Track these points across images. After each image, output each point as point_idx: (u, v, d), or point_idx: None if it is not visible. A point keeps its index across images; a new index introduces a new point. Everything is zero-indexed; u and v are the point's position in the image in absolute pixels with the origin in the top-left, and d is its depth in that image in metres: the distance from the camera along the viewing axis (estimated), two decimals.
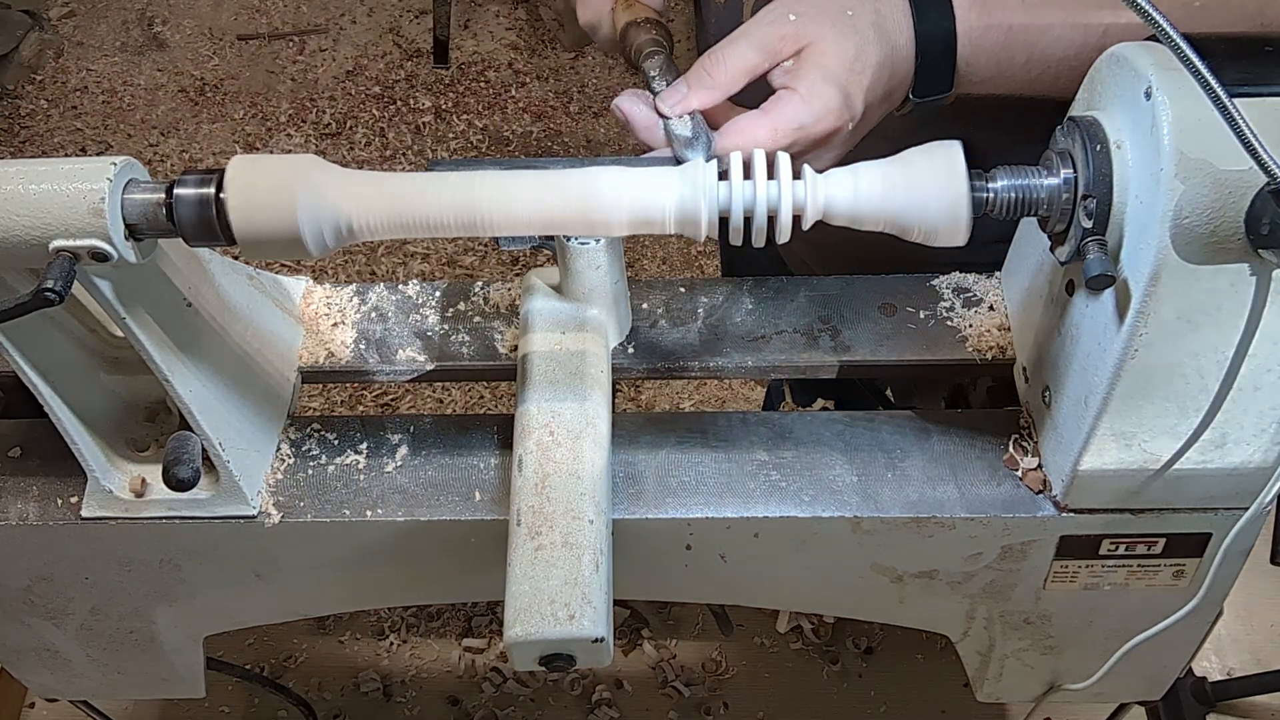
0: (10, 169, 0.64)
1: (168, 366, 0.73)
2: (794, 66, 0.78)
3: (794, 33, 0.78)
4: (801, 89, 0.77)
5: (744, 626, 1.83)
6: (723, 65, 0.79)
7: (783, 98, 0.78)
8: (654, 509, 0.83)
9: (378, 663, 1.83)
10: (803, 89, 0.77)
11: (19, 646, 0.98)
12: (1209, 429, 0.73)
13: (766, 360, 0.89)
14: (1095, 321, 0.72)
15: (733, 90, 0.80)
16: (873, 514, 0.82)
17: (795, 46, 0.78)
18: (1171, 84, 0.63)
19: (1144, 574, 0.85)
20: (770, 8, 0.80)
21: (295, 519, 0.83)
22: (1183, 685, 1.59)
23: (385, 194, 0.67)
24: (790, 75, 0.78)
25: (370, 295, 0.94)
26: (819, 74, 0.77)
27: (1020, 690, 1.01)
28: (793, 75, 0.78)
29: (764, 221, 0.68)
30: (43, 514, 0.84)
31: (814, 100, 0.77)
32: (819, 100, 0.77)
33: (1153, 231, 0.64)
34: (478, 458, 0.86)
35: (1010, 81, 0.83)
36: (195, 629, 0.97)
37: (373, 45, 2.98)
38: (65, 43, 3.02)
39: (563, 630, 0.71)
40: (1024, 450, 0.84)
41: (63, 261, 0.63)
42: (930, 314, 0.92)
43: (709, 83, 0.79)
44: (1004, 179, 0.70)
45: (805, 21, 0.78)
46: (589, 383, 0.82)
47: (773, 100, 0.78)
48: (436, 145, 2.72)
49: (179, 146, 2.74)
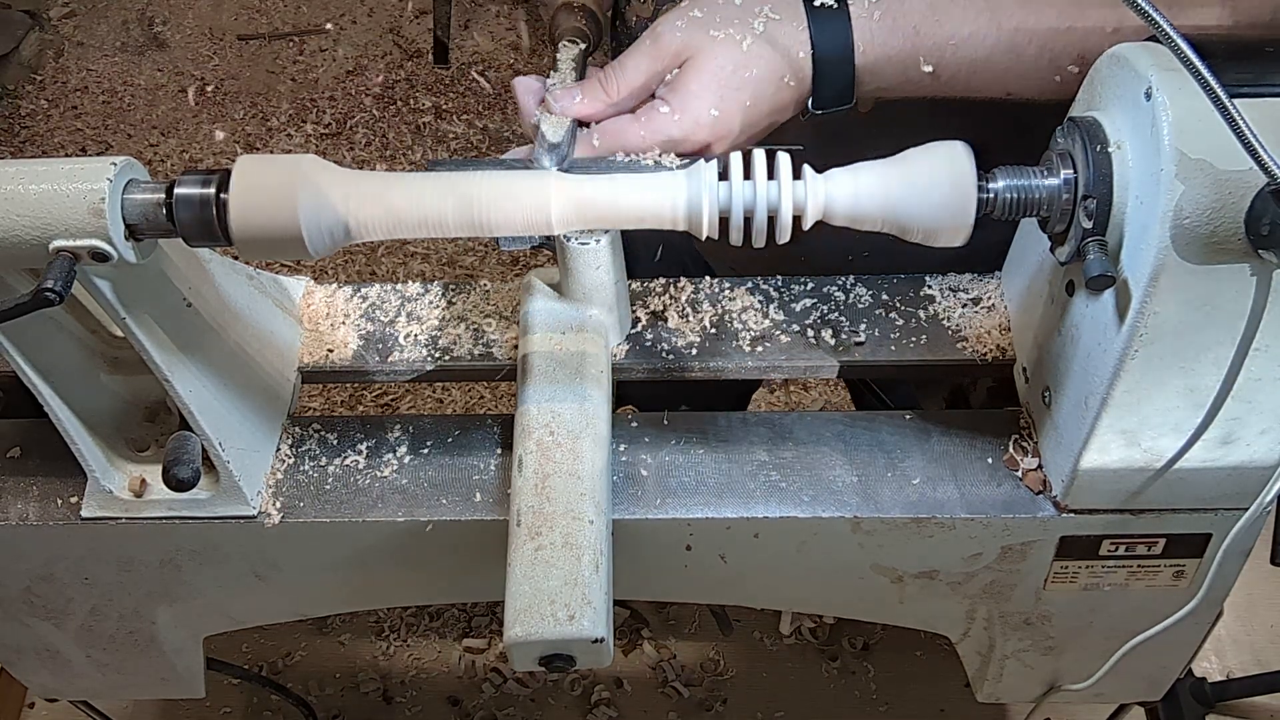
0: (10, 169, 0.64)
1: (168, 366, 0.73)
2: (673, 79, 0.79)
3: (679, 46, 0.79)
4: (674, 103, 0.78)
5: (741, 622, 1.83)
6: (615, 80, 0.80)
7: (655, 109, 0.79)
8: (654, 509, 0.83)
9: (377, 663, 1.83)
10: (675, 102, 0.78)
11: (19, 646, 0.98)
12: (1210, 429, 0.73)
13: (766, 360, 0.89)
14: (1095, 322, 0.72)
15: (624, 105, 0.80)
16: (873, 514, 0.82)
17: (679, 59, 0.79)
18: (1171, 84, 0.63)
19: (1144, 574, 0.85)
20: (664, 19, 0.80)
21: (295, 519, 0.83)
22: (1182, 686, 1.59)
23: (385, 194, 0.67)
24: (668, 87, 0.79)
25: (370, 295, 0.94)
26: (693, 90, 0.78)
27: (1020, 691, 1.01)
28: (669, 88, 0.79)
29: (764, 221, 0.68)
30: (43, 514, 0.84)
31: (684, 116, 0.77)
32: (688, 116, 0.77)
33: (1153, 232, 0.64)
34: (478, 458, 0.86)
35: (919, 88, 0.81)
36: (195, 629, 0.97)
37: (373, 45, 2.98)
38: (65, 43, 3.02)
39: (563, 631, 0.71)
40: (1024, 450, 0.84)
41: (63, 261, 0.63)
42: (930, 314, 0.92)
43: (601, 95, 0.80)
44: (1004, 179, 0.70)
45: (690, 33, 0.78)
46: (589, 383, 0.82)
47: (647, 108, 0.79)
48: (436, 145, 2.71)
49: (179, 146, 2.74)
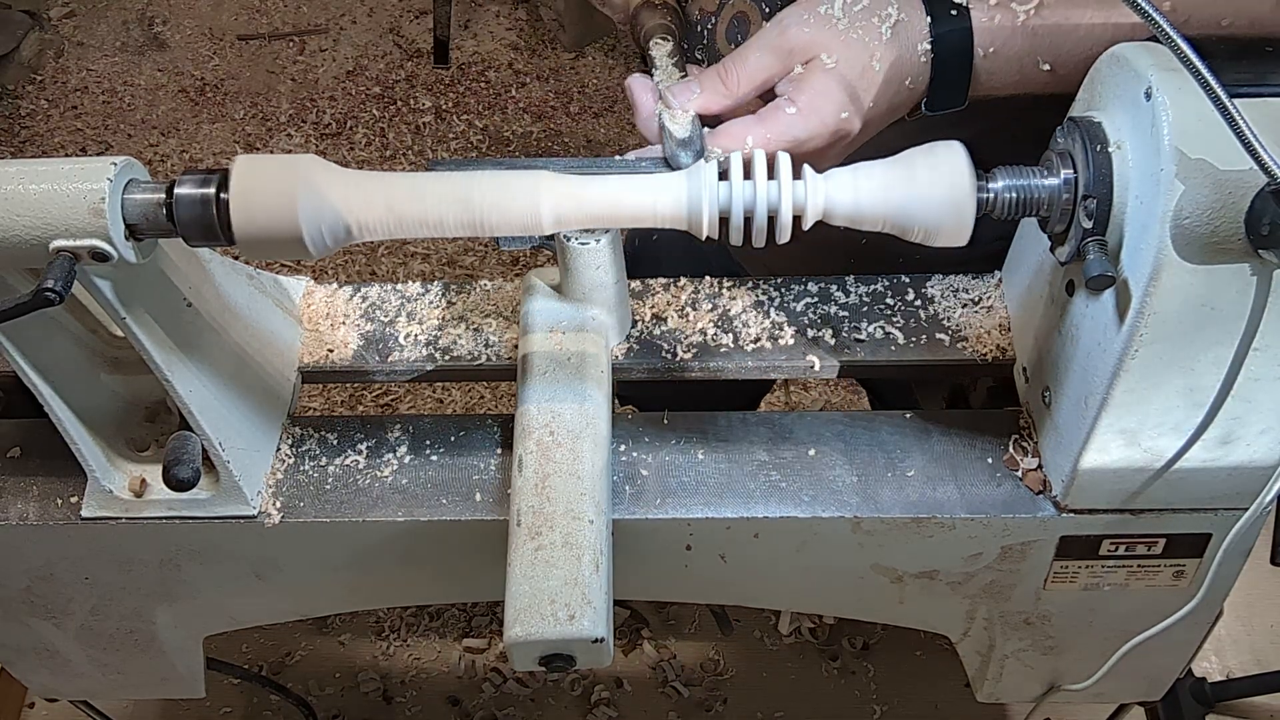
0: (10, 169, 0.64)
1: (168, 366, 0.73)
2: (799, 77, 0.76)
3: (806, 43, 0.76)
4: (801, 103, 0.75)
5: (741, 622, 1.83)
6: (736, 73, 0.77)
7: (780, 109, 0.75)
8: (654, 509, 0.83)
9: (377, 663, 1.83)
10: (802, 103, 0.75)
11: (19, 646, 0.98)
12: (1210, 429, 0.73)
13: (767, 360, 0.89)
14: (1095, 322, 0.72)
15: (744, 99, 0.78)
16: (873, 514, 0.82)
17: (805, 56, 0.76)
18: (1171, 84, 0.63)
19: (1144, 574, 0.85)
20: (785, 14, 0.78)
21: (295, 519, 0.83)
22: (1182, 686, 1.59)
23: (385, 194, 0.67)
24: (793, 85, 0.76)
25: (370, 295, 0.94)
26: (820, 89, 0.75)
27: (1020, 690, 1.01)
28: (795, 86, 0.76)
29: (764, 222, 0.68)
30: (43, 514, 0.84)
31: (811, 116, 0.75)
32: (815, 116, 0.75)
33: (1153, 232, 0.64)
34: (478, 458, 0.86)
35: (1032, 84, 0.79)
36: (195, 629, 0.97)
37: (373, 45, 2.98)
38: (65, 43, 3.02)
39: (563, 630, 0.71)
40: (1024, 450, 0.84)
41: (63, 261, 0.63)
42: (930, 314, 0.92)
43: (721, 90, 0.77)
44: (1004, 179, 0.70)
45: (818, 31, 0.76)
46: (589, 383, 0.82)
47: (771, 108, 0.76)
48: (436, 145, 2.72)
49: (179, 146, 2.74)
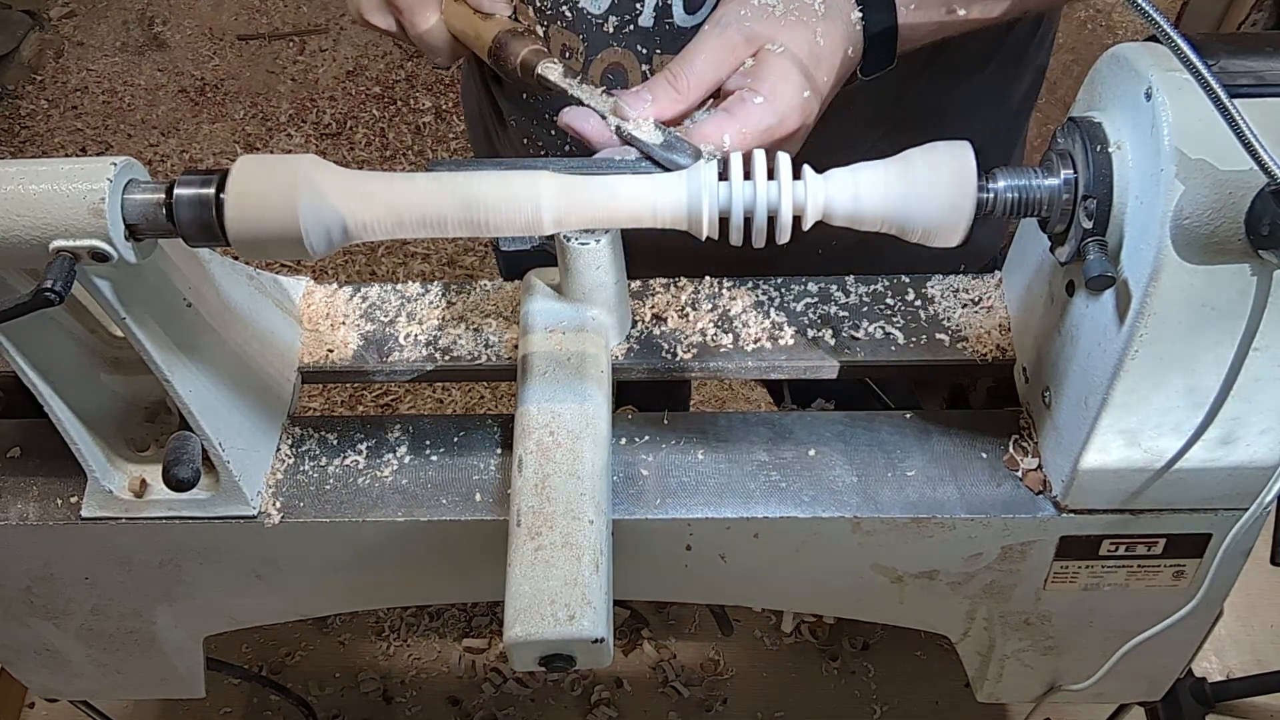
0: (10, 169, 0.64)
1: (168, 366, 0.73)
2: (752, 69, 0.76)
3: (749, 35, 0.77)
4: (764, 91, 0.75)
5: (741, 622, 1.83)
6: (685, 77, 0.77)
7: (747, 101, 0.75)
8: (654, 509, 0.83)
9: (377, 663, 1.83)
10: (765, 90, 0.75)
11: (19, 646, 0.98)
12: (1210, 429, 0.73)
13: (767, 360, 0.89)
14: (1095, 322, 0.72)
15: (697, 101, 0.78)
16: (873, 514, 0.82)
17: (751, 49, 0.77)
18: (1171, 84, 0.63)
19: (1144, 574, 0.85)
20: (721, 13, 0.78)
21: (295, 519, 0.83)
22: (1182, 686, 1.59)
23: (385, 194, 0.67)
24: (751, 77, 0.76)
25: (370, 295, 0.94)
26: (779, 74, 0.75)
27: (1020, 691, 1.01)
28: (754, 77, 0.76)
29: (764, 222, 0.68)
30: (43, 514, 0.84)
31: (778, 102, 0.75)
32: (782, 101, 0.75)
33: (1153, 232, 0.64)
34: (478, 458, 0.86)
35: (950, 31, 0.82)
36: (195, 629, 0.97)
37: (373, 45, 2.98)
38: (65, 43, 3.02)
39: (563, 631, 0.71)
40: (1024, 451, 0.84)
41: (63, 261, 0.63)
42: (930, 314, 0.92)
43: (674, 95, 0.77)
44: (1004, 179, 0.70)
45: (758, 21, 0.77)
46: (589, 383, 0.82)
47: (735, 101, 0.76)
48: (436, 145, 2.72)
49: (179, 146, 2.74)
